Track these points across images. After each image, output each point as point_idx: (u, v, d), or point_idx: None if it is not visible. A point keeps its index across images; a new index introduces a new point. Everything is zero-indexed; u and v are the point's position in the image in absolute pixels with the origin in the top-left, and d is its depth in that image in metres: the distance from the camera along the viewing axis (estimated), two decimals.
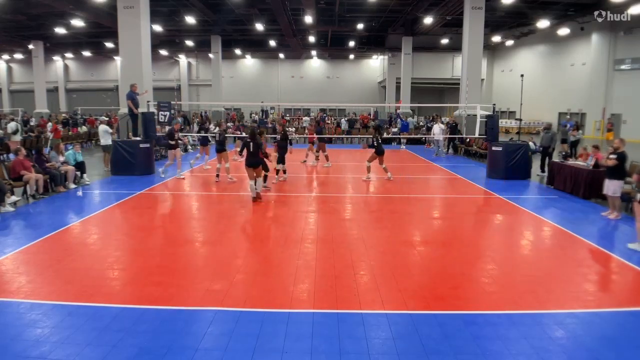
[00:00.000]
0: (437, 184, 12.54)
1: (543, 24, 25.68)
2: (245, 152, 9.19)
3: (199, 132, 12.75)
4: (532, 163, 12.96)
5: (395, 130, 23.98)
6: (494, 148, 12.82)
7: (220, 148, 11.65)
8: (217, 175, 11.83)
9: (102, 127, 14.17)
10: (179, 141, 12.96)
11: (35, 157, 10.24)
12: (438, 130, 18.49)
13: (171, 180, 12.16)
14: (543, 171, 12.72)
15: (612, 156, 8.03)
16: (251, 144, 9.09)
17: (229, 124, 24.54)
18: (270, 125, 21.69)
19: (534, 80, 32.08)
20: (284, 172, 11.89)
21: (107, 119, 24.71)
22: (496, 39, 31.47)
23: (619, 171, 8.03)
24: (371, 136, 12.52)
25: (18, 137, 15.91)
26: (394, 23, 29.34)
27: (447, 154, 19.19)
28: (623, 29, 25.70)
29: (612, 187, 8.07)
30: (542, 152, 13.17)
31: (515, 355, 3.70)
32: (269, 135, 14.86)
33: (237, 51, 37.18)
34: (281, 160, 11.65)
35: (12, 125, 16.15)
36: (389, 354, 3.73)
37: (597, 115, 27.89)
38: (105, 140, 13.69)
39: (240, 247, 6.48)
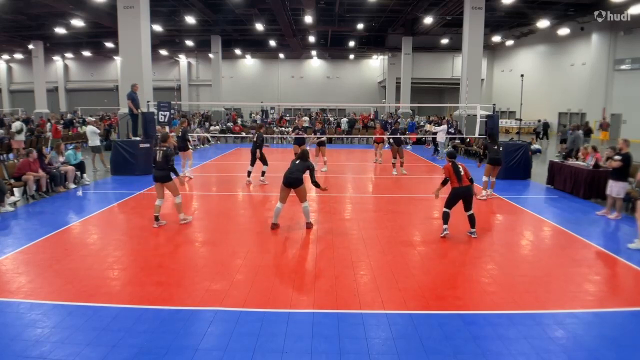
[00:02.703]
0: (437, 184, 12.49)
1: (543, 24, 25.68)
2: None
3: (183, 136, 12.04)
4: (532, 163, 12.96)
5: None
6: None
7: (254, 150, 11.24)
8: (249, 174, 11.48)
9: (90, 128, 14.14)
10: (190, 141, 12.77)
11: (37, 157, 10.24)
12: (440, 132, 17.99)
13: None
14: None
15: (616, 157, 8.00)
16: (298, 161, 7.47)
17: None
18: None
19: (534, 80, 32.07)
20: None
21: (93, 119, 24.71)
22: (496, 39, 31.47)
23: (623, 172, 8.01)
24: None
25: (22, 137, 15.92)
26: (394, 23, 29.34)
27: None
28: (623, 29, 25.70)
29: (616, 189, 8.05)
30: (566, 155, 13.10)
31: (515, 355, 3.70)
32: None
33: (237, 51, 37.18)
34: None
35: (16, 125, 16.16)
36: (389, 354, 3.73)
37: (597, 115, 27.87)
38: (93, 141, 13.69)
39: (240, 247, 6.48)
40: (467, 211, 7.03)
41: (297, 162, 7.38)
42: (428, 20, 24.90)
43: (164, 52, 37.21)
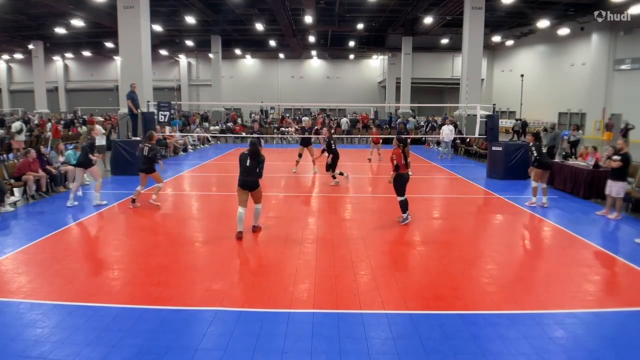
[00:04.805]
0: (437, 184, 12.53)
1: (543, 24, 25.69)
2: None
3: (86, 148, 8.89)
4: None
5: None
6: (494, 148, 12.83)
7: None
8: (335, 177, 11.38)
9: (98, 128, 14.15)
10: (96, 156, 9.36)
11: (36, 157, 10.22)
12: (448, 132, 17.62)
13: (170, 181, 12.13)
14: None
15: (616, 157, 8.00)
16: (248, 160, 6.76)
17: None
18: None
19: (534, 80, 32.08)
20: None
21: (101, 119, 24.72)
22: (496, 39, 31.47)
23: (623, 172, 8.00)
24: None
25: (22, 137, 15.93)
26: (394, 23, 29.34)
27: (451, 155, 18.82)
28: (623, 29, 25.70)
29: (615, 188, 8.04)
30: (547, 152, 13.18)
31: (515, 355, 3.70)
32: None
33: (237, 51, 37.18)
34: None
35: (16, 125, 16.16)
36: (389, 354, 3.73)
37: (597, 115, 27.88)
38: (99, 140, 13.66)
39: (240, 247, 6.48)
40: None
41: (249, 162, 6.70)
42: (428, 20, 24.90)
43: (164, 52, 37.21)
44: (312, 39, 32.97)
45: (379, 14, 27.03)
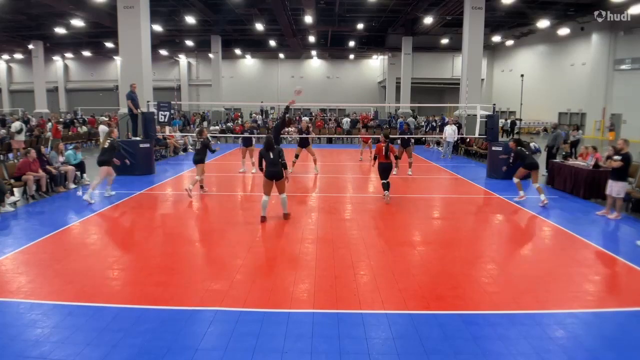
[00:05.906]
0: (437, 184, 12.53)
1: (543, 24, 25.70)
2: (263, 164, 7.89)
3: (111, 148, 9.43)
4: None
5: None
6: (494, 148, 12.83)
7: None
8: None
9: (102, 128, 14.22)
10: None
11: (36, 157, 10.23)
12: (450, 132, 17.61)
13: (170, 181, 12.13)
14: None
15: (616, 157, 7.99)
16: (270, 154, 7.69)
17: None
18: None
19: (534, 80, 32.08)
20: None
21: (106, 119, 24.74)
22: (496, 39, 31.47)
23: (623, 172, 8.00)
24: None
25: (22, 137, 15.93)
26: (394, 23, 29.35)
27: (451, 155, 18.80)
28: (623, 29, 25.72)
29: (616, 188, 8.04)
30: (547, 152, 13.28)
31: (515, 355, 3.70)
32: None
33: (237, 51, 37.18)
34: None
35: (16, 125, 16.17)
36: (389, 354, 3.73)
37: (597, 115, 27.90)
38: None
39: (240, 247, 6.48)
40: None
41: (271, 155, 7.66)
42: (428, 20, 24.91)
43: (164, 52, 37.20)
44: (312, 39, 32.96)
45: (379, 14, 27.04)
